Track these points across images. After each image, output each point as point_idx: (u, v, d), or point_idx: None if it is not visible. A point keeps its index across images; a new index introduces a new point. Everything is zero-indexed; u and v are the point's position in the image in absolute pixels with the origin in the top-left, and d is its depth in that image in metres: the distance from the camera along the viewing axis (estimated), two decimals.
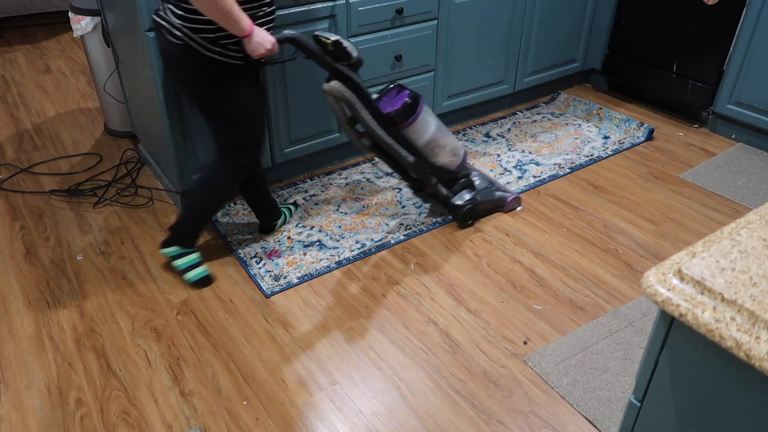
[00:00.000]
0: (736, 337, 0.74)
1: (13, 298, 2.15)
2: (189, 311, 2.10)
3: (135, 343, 1.97)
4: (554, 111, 3.45)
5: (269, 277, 2.23)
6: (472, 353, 1.93)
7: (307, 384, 1.83)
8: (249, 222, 2.52)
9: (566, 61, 3.50)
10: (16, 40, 4.59)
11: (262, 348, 1.95)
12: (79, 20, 2.84)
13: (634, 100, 3.56)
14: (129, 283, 2.22)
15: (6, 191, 2.74)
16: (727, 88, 3.02)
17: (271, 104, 2.50)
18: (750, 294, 0.77)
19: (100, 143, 3.16)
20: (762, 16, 2.79)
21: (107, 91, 3.03)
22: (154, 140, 2.64)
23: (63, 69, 4.08)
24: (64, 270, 2.28)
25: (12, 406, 1.77)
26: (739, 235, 0.88)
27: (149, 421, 1.72)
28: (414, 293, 2.17)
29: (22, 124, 3.35)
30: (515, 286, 2.20)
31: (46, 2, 4.70)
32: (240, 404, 1.77)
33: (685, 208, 2.62)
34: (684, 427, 0.90)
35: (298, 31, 2.41)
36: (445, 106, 3.10)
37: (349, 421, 1.72)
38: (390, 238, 2.43)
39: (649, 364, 0.91)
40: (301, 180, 2.82)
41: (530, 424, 1.71)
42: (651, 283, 0.83)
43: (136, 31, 2.22)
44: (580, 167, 2.91)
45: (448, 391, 1.81)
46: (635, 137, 3.16)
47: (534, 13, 3.14)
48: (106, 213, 2.60)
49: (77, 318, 2.07)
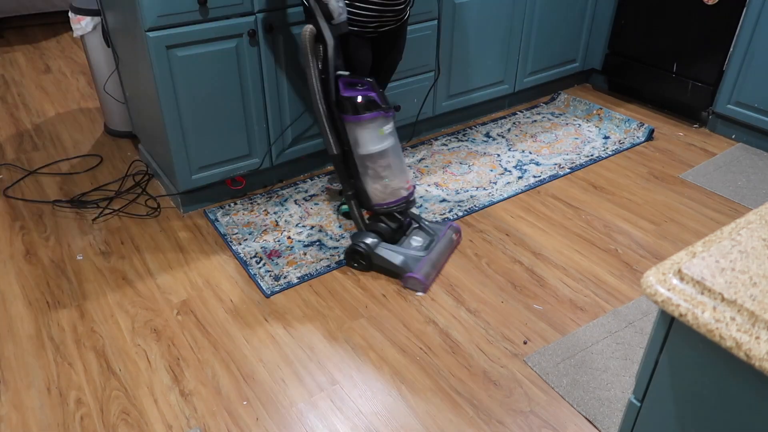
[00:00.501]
0: (736, 337, 0.74)
1: (13, 298, 2.15)
2: (189, 311, 2.10)
3: (135, 343, 1.97)
4: (554, 111, 3.45)
5: (269, 277, 2.23)
6: (472, 353, 1.93)
7: (307, 384, 1.83)
8: (249, 222, 2.52)
9: (566, 61, 3.50)
10: (16, 40, 4.59)
11: (262, 348, 1.95)
12: (79, 20, 2.84)
13: (634, 100, 3.56)
14: (129, 283, 2.22)
15: (9, 198, 2.74)
16: (727, 88, 3.02)
17: (270, 104, 2.51)
18: (750, 294, 0.77)
19: (100, 143, 3.16)
20: (762, 16, 2.79)
21: (107, 91, 3.03)
22: (154, 140, 2.64)
23: (63, 69, 4.08)
24: (64, 270, 2.28)
25: (12, 406, 1.77)
26: (739, 235, 0.88)
27: (149, 421, 1.72)
28: (414, 293, 2.17)
29: (22, 124, 3.35)
30: (515, 286, 2.20)
31: (46, 2, 4.70)
32: (240, 404, 1.77)
33: (685, 208, 2.62)
34: (684, 427, 0.90)
35: (298, 31, 2.42)
36: (445, 106, 3.10)
37: (349, 421, 1.72)
38: None
39: (648, 364, 0.91)
40: (301, 180, 2.82)
41: (530, 424, 1.71)
42: (651, 283, 0.83)
43: (136, 31, 2.22)
44: (580, 167, 2.91)
45: (448, 391, 1.81)
46: (635, 137, 3.16)
47: (534, 13, 3.14)
48: (107, 211, 2.60)
49: (77, 318, 2.07)
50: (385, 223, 2.25)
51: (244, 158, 2.57)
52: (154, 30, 2.13)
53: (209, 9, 2.20)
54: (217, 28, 2.24)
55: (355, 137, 2.11)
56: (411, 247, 2.25)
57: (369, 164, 2.14)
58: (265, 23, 2.33)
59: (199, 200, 2.61)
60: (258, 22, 2.31)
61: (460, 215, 2.57)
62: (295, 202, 2.66)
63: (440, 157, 3.00)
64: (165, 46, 2.16)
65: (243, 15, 2.28)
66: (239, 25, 2.28)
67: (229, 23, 2.26)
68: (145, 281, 2.23)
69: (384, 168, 2.13)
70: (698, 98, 3.16)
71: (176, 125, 2.32)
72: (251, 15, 2.30)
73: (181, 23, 2.17)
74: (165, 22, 2.14)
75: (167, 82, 2.22)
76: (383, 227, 2.25)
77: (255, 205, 2.64)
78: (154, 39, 2.13)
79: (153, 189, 2.76)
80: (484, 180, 2.81)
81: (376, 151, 2.11)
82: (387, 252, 2.19)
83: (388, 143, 2.12)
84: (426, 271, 2.17)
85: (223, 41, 2.27)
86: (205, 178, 2.51)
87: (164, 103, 2.26)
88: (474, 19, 2.93)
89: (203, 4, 2.17)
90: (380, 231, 2.25)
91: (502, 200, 2.67)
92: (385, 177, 2.15)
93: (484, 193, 2.72)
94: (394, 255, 2.19)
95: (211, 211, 2.59)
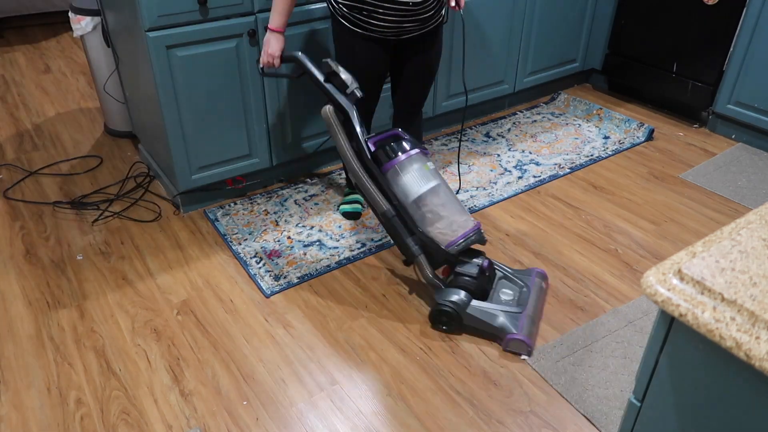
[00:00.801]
0: (736, 337, 0.74)
1: (13, 298, 2.15)
2: (189, 311, 2.10)
3: (135, 343, 1.97)
4: (554, 111, 3.45)
5: (269, 277, 2.23)
6: (472, 353, 1.93)
7: (307, 384, 1.83)
8: (249, 222, 2.52)
9: (566, 61, 3.50)
10: (16, 40, 4.59)
11: (262, 348, 1.95)
12: (79, 20, 2.84)
13: (634, 100, 3.56)
14: (129, 283, 2.22)
15: (8, 199, 2.74)
16: (727, 88, 3.02)
17: (270, 104, 2.51)
18: (750, 294, 0.77)
19: (100, 143, 3.16)
20: (762, 16, 2.79)
21: (107, 91, 3.03)
22: (154, 140, 2.65)
23: (63, 69, 4.08)
24: (64, 270, 2.28)
25: (12, 406, 1.77)
26: (739, 235, 0.88)
27: (149, 421, 1.72)
28: (414, 293, 2.17)
29: (22, 124, 3.35)
30: None
31: (46, 2, 4.70)
32: (240, 404, 1.77)
33: (685, 208, 2.62)
34: (684, 427, 0.90)
35: (299, 31, 2.42)
36: (445, 106, 3.10)
37: (349, 421, 1.72)
38: (390, 238, 2.43)
39: (649, 364, 0.91)
40: (301, 180, 2.82)
41: (530, 424, 1.71)
42: (651, 283, 0.83)
43: (136, 31, 2.22)
44: (580, 167, 2.91)
45: (448, 391, 1.81)
46: (635, 137, 3.16)
47: (534, 13, 3.14)
48: (106, 214, 2.60)
49: (77, 318, 2.07)
50: (468, 276, 1.99)
51: (244, 158, 2.57)
52: (154, 30, 2.13)
53: (209, 9, 2.20)
54: (217, 28, 2.24)
55: (401, 186, 1.98)
56: (502, 302, 2.01)
57: (423, 208, 1.97)
58: (265, 23, 2.32)
59: (199, 200, 2.61)
60: (258, 22, 2.31)
61: None
62: (295, 202, 2.66)
63: (440, 157, 3.00)
64: (165, 46, 2.16)
65: (243, 15, 2.28)
66: (239, 25, 2.28)
67: (229, 23, 2.26)
68: (145, 281, 2.23)
69: (440, 206, 1.98)
70: (698, 98, 3.16)
71: (176, 125, 2.32)
72: (251, 15, 2.30)
73: (181, 23, 2.17)
74: (165, 22, 2.14)
75: (167, 82, 2.22)
76: (467, 281, 1.98)
77: (255, 205, 2.64)
78: (154, 39, 2.13)
79: (153, 190, 2.75)
80: (484, 180, 2.81)
81: (426, 191, 1.96)
82: (481, 311, 1.94)
83: (436, 181, 1.99)
84: (529, 330, 1.93)
85: (223, 41, 2.27)
86: (205, 178, 2.51)
87: (164, 103, 2.26)
88: (474, 19, 2.93)
89: (203, 4, 2.17)
90: (466, 285, 1.98)
91: (502, 200, 2.67)
92: (444, 215, 1.97)
93: (484, 193, 2.72)
94: (491, 314, 1.94)
95: (211, 211, 2.59)
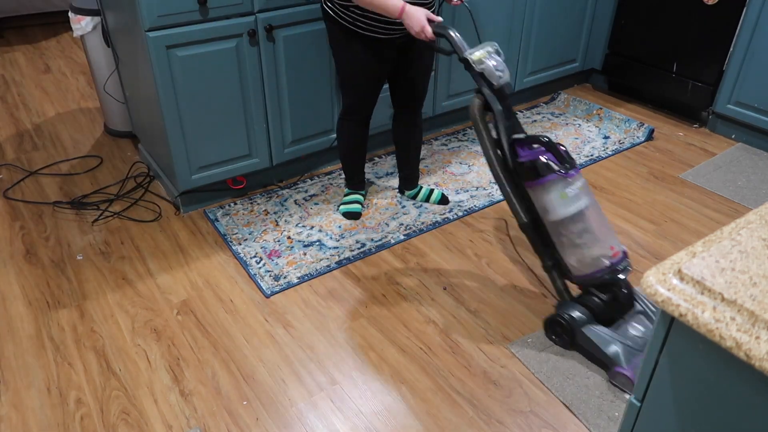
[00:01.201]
0: (736, 337, 0.74)
1: (13, 298, 2.15)
2: (189, 311, 2.10)
3: (135, 343, 1.97)
4: (554, 111, 3.45)
5: (269, 277, 2.23)
6: (472, 353, 1.93)
7: (307, 384, 1.83)
8: (249, 221, 2.52)
9: (566, 61, 3.50)
10: (16, 40, 4.59)
11: (262, 348, 1.95)
12: (79, 20, 2.84)
13: (634, 100, 3.56)
14: (129, 283, 2.22)
15: (8, 199, 2.74)
16: (727, 88, 3.02)
17: (270, 104, 2.51)
18: (750, 294, 0.77)
19: (100, 143, 3.16)
20: (762, 16, 2.79)
21: (107, 91, 3.03)
22: (154, 140, 2.65)
23: (63, 69, 4.08)
24: (64, 270, 2.28)
25: (12, 406, 1.77)
26: (739, 235, 0.88)
27: (149, 421, 1.72)
28: (414, 293, 2.17)
29: (22, 124, 3.35)
30: (515, 286, 2.20)
31: (46, 2, 4.70)
32: (240, 404, 1.77)
33: (685, 208, 2.62)
34: (684, 427, 0.90)
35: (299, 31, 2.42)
36: (445, 106, 3.10)
37: (349, 421, 1.72)
38: (390, 238, 2.43)
39: (649, 364, 0.91)
40: (301, 180, 2.82)
41: (530, 424, 1.71)
42: (651, 283, 0.83)
43: (136, 31, 2.22)
44: (580, 167, 2.91)
45: (448, 391, 1.81)
46: (635, 137, 3.16)
47: (534, 13, 3.14)
48: (106, 214, 2.60)
49: (77, 318, 2.07)
50: (596, 296, 1.88)
51: (244, 158, 2.57)
52: (154, 30, 2.13)
53: (209, 9, 2.20)
54: (217, 28, 2.24)
55: (542, 203, 1.84)
56: (628, 336, 1.85)
57: (562, 231, 1.83)
58: (265, 23, 2.33)
59: (199, 200, 2.61)
60: (258, 22, 2.31)
61: (460, 215, 2.57)
62: (295, 202, 2.66)
63: (440, 157, 3.00)
64: (165, 46, 2.16)
65: (243, 15, 2.28)
66: (239, 25, 2.28)
67: (229, 23, 2.26)
68: (145, 281, 2.23)
69: (579, 234, 1.81)
70: (698, 98, 3.16)
71: (176, 125, 2.32)
72: (251, 15, 2.30)
73: (181, 23, 2.17)
74: (165, 22, 2.14)
75: (167, 82, 2.22)
76: (594, 301, 1.88)
77: (255, 205, 2.64)
78: (154, 39, 2.13)
79: (153, 190, 2.75)
80: (484, 180, 2.81)
81: (567, 216, 1.80)
82: (596, 335, 1.83)
83: (581, 204, 1.80)
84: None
85: (223, 41, 2.27)
86: (205, 178, 2.51)
87: (164, 103, 2.26)
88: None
89: (203, 4, 2.17)
90: (590, 305, 1.88)
91: (502, 200, 2.67)
92: (581, 245, 1.82)
93: (484, 193, 2.72)
94: (606, 341, 1.81)
95: (211, 211, 2.59)
